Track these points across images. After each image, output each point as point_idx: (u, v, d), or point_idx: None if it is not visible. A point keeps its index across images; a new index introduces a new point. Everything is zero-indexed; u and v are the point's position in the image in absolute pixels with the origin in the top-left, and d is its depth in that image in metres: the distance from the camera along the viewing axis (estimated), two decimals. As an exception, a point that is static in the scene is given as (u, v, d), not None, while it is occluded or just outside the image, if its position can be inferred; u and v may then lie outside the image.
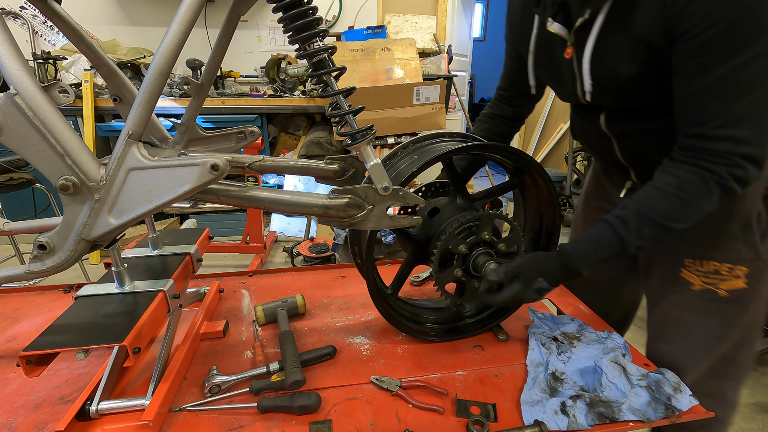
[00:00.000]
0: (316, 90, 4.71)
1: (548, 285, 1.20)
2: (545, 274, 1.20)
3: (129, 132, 0.94)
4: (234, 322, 1.56)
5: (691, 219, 1.09)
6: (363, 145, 1.12)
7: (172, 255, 1.43)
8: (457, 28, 6.40)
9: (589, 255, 1.17)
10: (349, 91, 1.12)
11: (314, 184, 4.73)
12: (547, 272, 1.20)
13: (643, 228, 1.11)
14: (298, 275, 1.93)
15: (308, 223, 4.63)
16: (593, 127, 1.35)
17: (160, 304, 1.18)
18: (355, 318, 1.59)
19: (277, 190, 1.13)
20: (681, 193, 1.07)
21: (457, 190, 1.41)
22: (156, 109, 0.99)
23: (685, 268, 1.33)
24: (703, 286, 1.30)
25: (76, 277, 4.02)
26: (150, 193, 0.95)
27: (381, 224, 1.18)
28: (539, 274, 1.20)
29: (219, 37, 1.23)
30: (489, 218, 1.32)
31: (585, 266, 1.18)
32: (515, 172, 1.48)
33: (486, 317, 1.53)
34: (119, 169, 0.94)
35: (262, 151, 4.24)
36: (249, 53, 5.59)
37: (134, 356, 1.00)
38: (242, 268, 4.36)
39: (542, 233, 1.52)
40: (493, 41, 10.89)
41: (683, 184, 1.07)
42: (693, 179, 1.06)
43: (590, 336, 1.41)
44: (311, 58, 1.07)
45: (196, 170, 0.93)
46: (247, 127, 1.43)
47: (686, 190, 1.07)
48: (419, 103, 4.39)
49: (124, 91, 1.31)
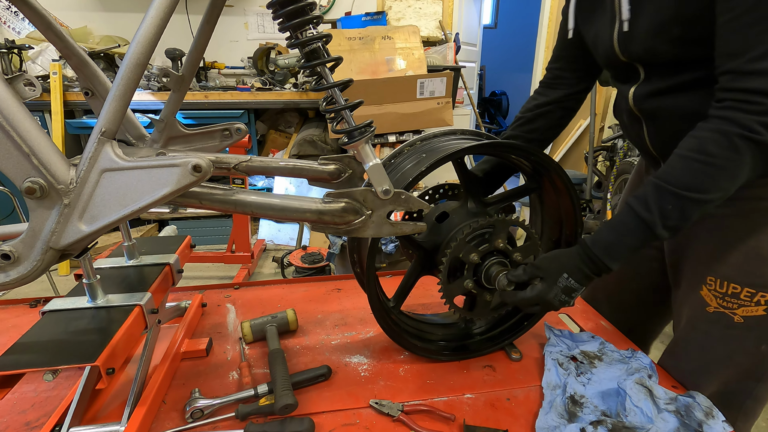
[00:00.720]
0: (309, 83, 4.72)
1: (576, 283, 1.20)
2: (569, 270, 1.20)
3: (102, 129, 0.94)
4: (218, 340, 1.56)
5: (721, 187, 1.05)
6: (361, 144, 1.13)
7: (149, 265, 1.43)
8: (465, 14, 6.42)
9: (613, 244, 1.17)
10: (345, 84, 1.12)
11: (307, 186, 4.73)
12: (570, 268, 1.21)
13: (664, 205, 1.08)
14: (289, 288, 1.93)
15: (300, 230, 4.63)
16: (625, 103, 1.36)
17: (136, 320, 1.18)
18: (352, 335, 1.59)
19: (266, 194, 1.13)
20: (702, 156, 1.04)
21: (469, 194, 1.42)
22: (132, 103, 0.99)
23: (706, 286, 1.33)
24: (717, 308, 1.31)
25: (44, 289, 4.01)
26: (125, 197, 0.95)
27: (381, 231, 1.18)
28: (562, 271, 1.21)
29: (201, 24, 1.23)
30: (504, 225, 1.32)
31: (611, 257, 1.17)
32: (533, 174, 1.48)
33: (497, 334, 1.53)
34: (91, 171, 0.94)
35: (249, 150, 4.25)
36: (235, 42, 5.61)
37: (108, 378, 1.00)
38: (227, 280, 4.36)
39: (561, 244, 1.53)
40: (505, 29, 10.93)
41: (704, 146, 1.04)
42: (715, 138, 1.03)
43: (613, 355, 1.41)
44: (304, 48, 1.08)
45: (176, 171, 0.93)
46: (232, 124, 1.43)
47: (708, 151, 1.03)
48: (423, 97, 4.40)
49: (97, 84, 1.31)
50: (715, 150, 1.02)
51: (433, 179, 2.96)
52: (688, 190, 1.05)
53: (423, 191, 1.56)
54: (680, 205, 1.07)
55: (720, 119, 1.03)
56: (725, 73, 1.03)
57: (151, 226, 5.08)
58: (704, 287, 1.33)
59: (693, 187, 1.05)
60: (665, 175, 1.09)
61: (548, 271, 1.23)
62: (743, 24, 0.99)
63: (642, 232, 1.12)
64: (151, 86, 4.58)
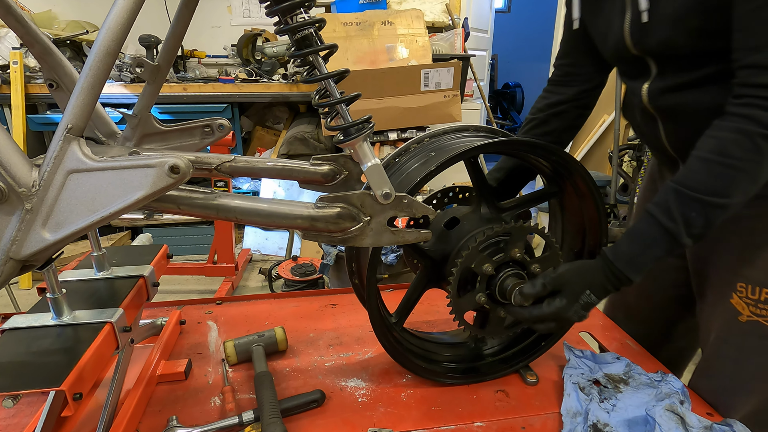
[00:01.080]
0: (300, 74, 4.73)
1: (596, 298, 1.22)
2: (592, 285, 1.21)
3: (68, 125, 0.94)
4: (198, 362, 1.56)
5: (745, 190, 1.08)
6: (358, 142, 1.13)
7: (121, 278, 1.43)
8: (474, -4, 6.45)
9: (636, 256, 1.18)
10: (341, 75, 1.12)
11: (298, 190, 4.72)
12: (594, 283, 1.21)
13: (687, 212, 1.10)
14: (277, 303, 1.93)
15: (290, 238, 4.64)
16: (637, 101, 1.38)
17: (106, 339, 1.17)
18: (348, 356, 1.59)
19: (252, 198, 1.13)
20: (724, 158, 1.06)
21: (482, 197, 1.42)
22: (102, 97, 1.00)
23: (736, 293, 1.34)
24: (750, 317, 1.32)
25: (3, 305, 4.02)
26: (94, 202, 0.95)
27: (381, 240, 1.18)
28: (586, 286, 1.22)
29: (180, 7, 1.23)
30: (522, 232, 1.32)
31: (634, 270, 1.18)
32: (553, 177, 1.48)
33: (511, 355, 1.53)
34: (56, 172, 0.95)
35: (233, 149, 4.26)
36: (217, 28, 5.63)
37: (75, 403, 1.00)
38: (209, 294, 4.35)
39: (584, 255, 1.53)
40: (519, 13, 10.97)
41: (725, 147, 1.06)
42: (736, 138, 1.05)
43: (640, 378, 1.41)
44: (294, 34, 1.08)
45: (151, 173, 0.93)
46: (214, 120, 1.43)
47: (730, 153, 1.06)
48: (428, 89, 4.41)
49: (62, 75, 1.31)
50: (736, 152, 1.05)
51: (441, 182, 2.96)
52: (712, 195, 1.08)
53: (429, 195, 1.57)
54: (705, 211, 1.09)
55: (740, 117, 1.06)
56: (745, 67, 1.06)
57: (123, 234, 5.08)
58: (734, 295, 1.34)
59: (716, 191, 1.08)
60: (686, 180, 1.11)
61: (572, 286, 1.23)
62: (764, 15, 1.02)
63: (667, 242, 1.14)
64: (123, 77, 4.60)
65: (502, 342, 1.56)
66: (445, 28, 5.63)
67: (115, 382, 1.28)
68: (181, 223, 5.13)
